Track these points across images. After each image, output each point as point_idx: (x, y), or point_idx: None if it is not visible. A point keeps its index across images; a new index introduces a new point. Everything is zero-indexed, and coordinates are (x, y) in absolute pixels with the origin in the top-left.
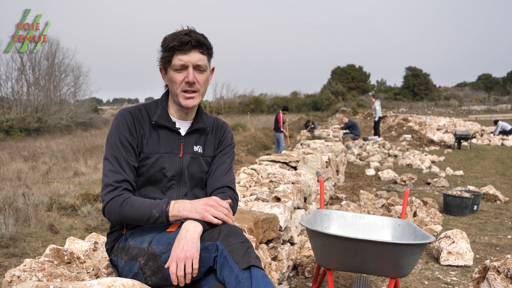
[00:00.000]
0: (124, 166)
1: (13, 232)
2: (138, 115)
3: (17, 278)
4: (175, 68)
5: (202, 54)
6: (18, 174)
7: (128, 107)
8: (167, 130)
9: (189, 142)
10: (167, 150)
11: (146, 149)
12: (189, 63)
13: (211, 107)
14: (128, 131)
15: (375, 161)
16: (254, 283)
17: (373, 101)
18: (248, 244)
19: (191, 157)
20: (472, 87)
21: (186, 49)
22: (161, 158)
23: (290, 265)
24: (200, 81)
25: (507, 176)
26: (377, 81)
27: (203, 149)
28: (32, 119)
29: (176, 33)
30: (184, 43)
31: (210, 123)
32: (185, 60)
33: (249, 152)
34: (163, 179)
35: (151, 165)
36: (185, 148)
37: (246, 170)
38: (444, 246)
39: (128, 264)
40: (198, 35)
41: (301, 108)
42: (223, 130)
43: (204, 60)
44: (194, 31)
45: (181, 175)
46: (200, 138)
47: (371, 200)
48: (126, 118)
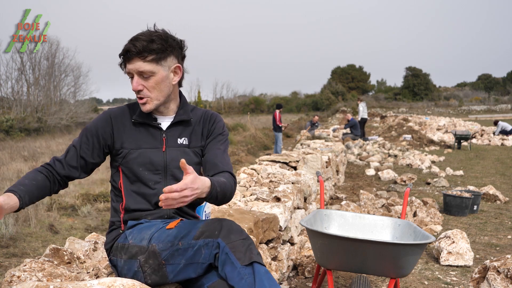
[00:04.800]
0: (71, 152)
1: (13, 232)
2: (119, 114)
3: (17, 278)
4: (128, 76)
5: (144, 61)
6: (18, 174)
7: (113, 108)
8: (149, 126)
9: (172, 136)
10: (150, 145)
11: (127, 145)
12: (133, 71)
13: (211, 107)
14: (95, 129)
15: (375, 161)
16: (257, 279)
17: (358, 102)
18: (249, 241)
19: (176, 149)
20: (472, 87)
21: (130, 57)
22: (143, 153)
23: (290, 265)
24: (148, 86)
25: (507, 176)
26: (377, 81)
27: (189, 141)
28: (32, 119)
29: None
30: (126, 52)
31: (198, 115)
32: (129, 68)
33: (249, 152)
34: (147, 174)
35: (133, 160)
36: (167, 142)
37: (246, 170)
38: (444, 246)
39: (128, 263)
40: (142, 41)
41: (301, 108)
42: (213, 120)
43: (148, 66)
44: (140, 37)
45: (166, 169)
46: (185, 130)
47: (371, 200)
48: (101, 118)
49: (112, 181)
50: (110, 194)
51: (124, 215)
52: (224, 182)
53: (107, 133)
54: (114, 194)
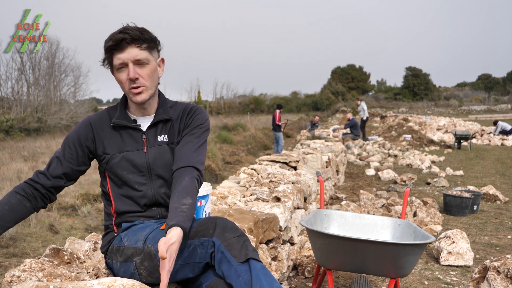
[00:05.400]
0: (54, 163)
1: (13, 232)
2: (98, 120)
3: (17, 278)
4: (116, 68)
5: (140, 49)
6: (18, 174)
7: (93, 114)
8: (128, 129)
9: (152, 135)
10: (132, 148)
11: (109, 150)
12: (128, 60)
13: (211, 107)
14: (77, 137)
15: (375, 161)
16: (254, 275)
17: (359, 103)
18: (244, 238)
19: (156, 148)
20: (472, 87)
21: (123, 47)
22: (125, 156)
23: (290, 265)
24: (144, 75)
25: (507, 176)
26: (377, 81)
27: (168, 137)
28: (32, 119)
29: (112, 33)
30: (119, 41)
31: (177, 111)
32: (122, 58)
33: (249, 152)
34: (132, 177)
35: (117, 164)
36: (148, 142)
37: (246, 170)
38: (444, 246)
39: (124, 265)
40: (134, 31)
41: (301, 108)
42: (192, 113)
43: (144, 54)
44: (129, 28)
45: (150, 169)
46: (164, 127)
47: (371, 200)
48: (82, 126)
49: (102, 186)
50: (101, 198)
51: (116, 218)
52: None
53: (89, 140)
54: (104, 199)
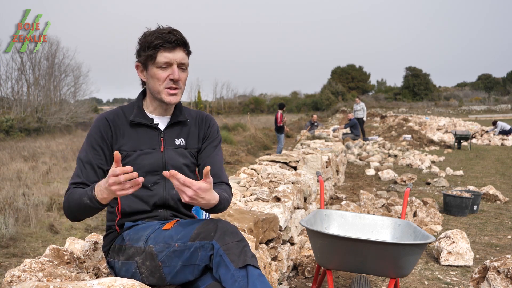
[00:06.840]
0: (87, 169)
1: (13, 232)
2: (114, 118)
3: (17, 278)
4: (159, 65)
5: (185, 53)
6: (18, 174)
7: (105, 112)
8: (146, 127)
9: (169, 136)
10: (148, 147)
11: (125, 147)
12: (174, 61)
13: (211, 107)
14: (99, 134)
15: (375, 161)
16: (250, 282)
17: (358, 102)
18: (244, 243)
19: (173, 150)
20: (472, 87)
21: (171, 47)
22: (142, 154)
23: (290, 265)
24: (183, 79)
25: (507, 176)
26: (377, 81)
27: (185, 142)
28: (32, 119)
29: (158, 30)
30: (170, 41)
31: (192, 116)
32: (170, 57)
33: (249, 152)
34: (146, 175)
35: (132, 162)
36: (165, 143)
37: (246, 170)
38: (444, 246)
39: (125, 265)
40: (181, 34)
41: (301, 108)
42: (208, 122)
43: (187, 59)
44: (176, 30)
45: (164, 169)
46: (182, 130)
47: (371, 200)
48: (99, 123)
49: None
50: None
51: (121, 219)
52: (226, 198)
53: (109, 136)
54: None
